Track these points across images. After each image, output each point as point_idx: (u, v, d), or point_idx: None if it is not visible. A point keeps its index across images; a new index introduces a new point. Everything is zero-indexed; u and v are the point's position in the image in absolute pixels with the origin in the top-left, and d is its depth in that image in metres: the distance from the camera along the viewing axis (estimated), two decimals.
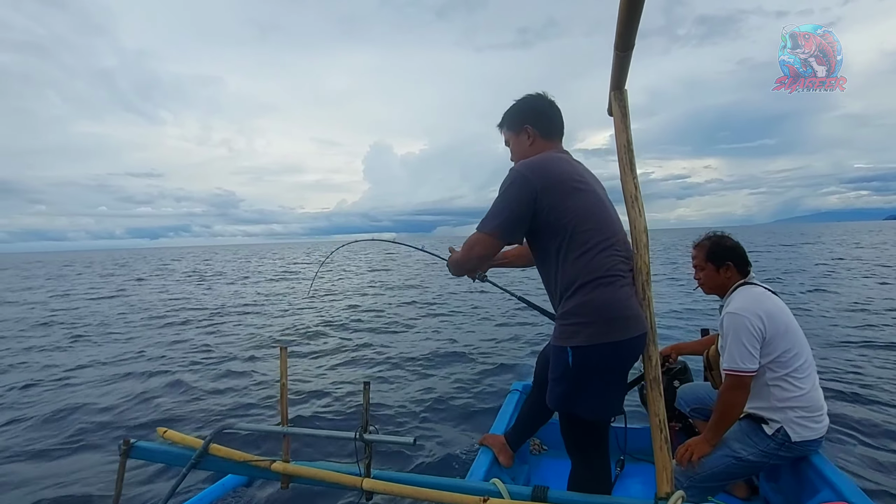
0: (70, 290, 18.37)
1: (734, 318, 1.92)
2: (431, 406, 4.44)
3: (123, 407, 4.65)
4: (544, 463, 2.62)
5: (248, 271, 26.49)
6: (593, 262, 1.49)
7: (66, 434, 4.03)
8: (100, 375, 5.81)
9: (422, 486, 1.61)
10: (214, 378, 5.58)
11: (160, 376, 5.66)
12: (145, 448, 1.93)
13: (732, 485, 2.23)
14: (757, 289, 2.04)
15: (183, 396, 4.94)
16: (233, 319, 9.88)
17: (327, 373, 5.74)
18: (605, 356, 1.48)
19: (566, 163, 1.63)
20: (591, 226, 1.51)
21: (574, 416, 1.57)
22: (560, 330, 1.52)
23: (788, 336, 1.92)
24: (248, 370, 5.83)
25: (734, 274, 2.11)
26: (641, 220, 1.52)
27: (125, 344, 7.74)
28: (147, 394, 5.01)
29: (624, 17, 1.03)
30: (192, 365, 6.19)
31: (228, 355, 6.63)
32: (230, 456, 1.85)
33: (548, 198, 1.50)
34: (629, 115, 1.48)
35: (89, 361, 6.57)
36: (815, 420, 1.92)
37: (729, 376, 1.91)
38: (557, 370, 1.53)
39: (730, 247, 2.13)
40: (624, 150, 1.51)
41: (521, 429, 2.21)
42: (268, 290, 15.62)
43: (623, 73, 1.34)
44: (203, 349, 7.07)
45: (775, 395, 1.92)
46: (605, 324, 1.45)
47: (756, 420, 1.99)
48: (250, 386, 5.20)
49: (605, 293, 1.46)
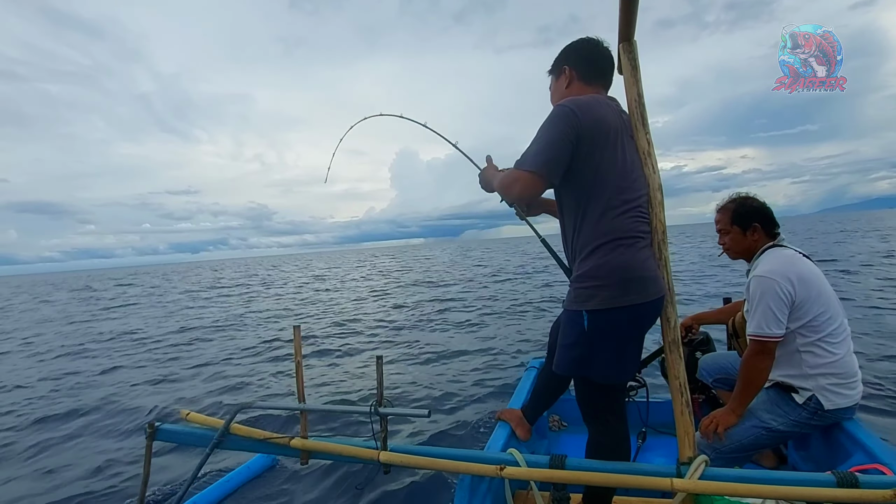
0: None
1: (762, 282, 1.83)
2: (450, 384, 4.47)
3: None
4: (563, 439, 2.59)
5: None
6: (615, 222, 1.42)
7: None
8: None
9: (438, 457, 1.60)
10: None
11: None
12: (170, 430, 1.97)
13: (759, 454, 2.16)
14: (787, 251, 1.94)
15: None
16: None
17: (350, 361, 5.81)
18: (623, 320, 1.43)
19: (614, 112, 1.51)
20: (622, 184, 1.43)
21: (589, 380, 1.52)
22: (575, 293, 1.46)
23: (822, 299, 1.82)
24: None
25: (762, 236, 2.02)
26: (656, 177, 1.45)
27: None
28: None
29: (623, 7, 0.97)
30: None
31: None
32: (251, 434, 1.87)
33: (588, 143, 1.41)
34: (639, 67, 1.42)
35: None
36: (849, 387, 1.83)
37: (753, 341, 1.84)
38: (572, 335, 1.48)
39: (756, 207, 2.04)
40: (635, 104, 1.45)
41: (537, 401, 2.18)
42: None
43: (631, 22, 1.28)
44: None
45: (807, 361, 1.84)
46: (622, 286, 1.39)
47: (786, 388, 1.91)
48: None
49: (623, 255, 1.41)
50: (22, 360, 7.25)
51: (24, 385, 5.63)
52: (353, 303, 12.33)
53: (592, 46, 1.60)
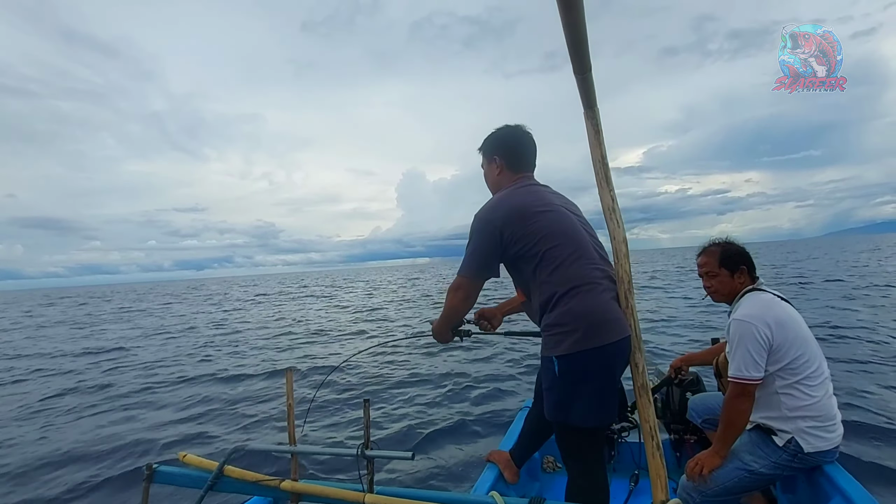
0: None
1: (741, 325, 1.89)
2: (442, 423, 4.46)
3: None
4: (557, 481, 2.59)
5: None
6: (567, 272, 1.56)
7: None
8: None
9: (421, 500, 1.65)
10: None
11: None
12: (167, 472, 2.03)
13: (749, 497, 2.16)
14: (766, 295, 2.01)
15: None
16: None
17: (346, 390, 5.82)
18: (590, 362, 1.51)
19: (528, 193, 1.74)
20: (558, 241, 1.61)
21: (568, 425, 1.59)
22: (545, 341, 1.56)
23: (798, 342, 1.88)
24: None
25: (747, 279, 2.08)
26: (620, 230, 1.56)
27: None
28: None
29: (571, 41, 1.10)
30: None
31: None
32: (243, 477, 1.93)
33: (511, 231, 1.63)
34: (602, 131, 1.54)
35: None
36: (828, 430, 1.86)
37: (733, 384, 1.89)
38: (547, 380, 1.57)
39: (741, 251, 2.11)
40: (599, 164, 1.57)
41: (525, 444, 2.22)
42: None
43: (590, 94, 1.41)
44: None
45: (786, 403, 1.88)
46: (586, 329, 1.49)
47: (766, 431, 1.94)
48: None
49: (584, 300, 1.52)
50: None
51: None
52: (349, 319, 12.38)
53: (520, 139, 1.88)
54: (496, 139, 1.90)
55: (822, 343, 2.01)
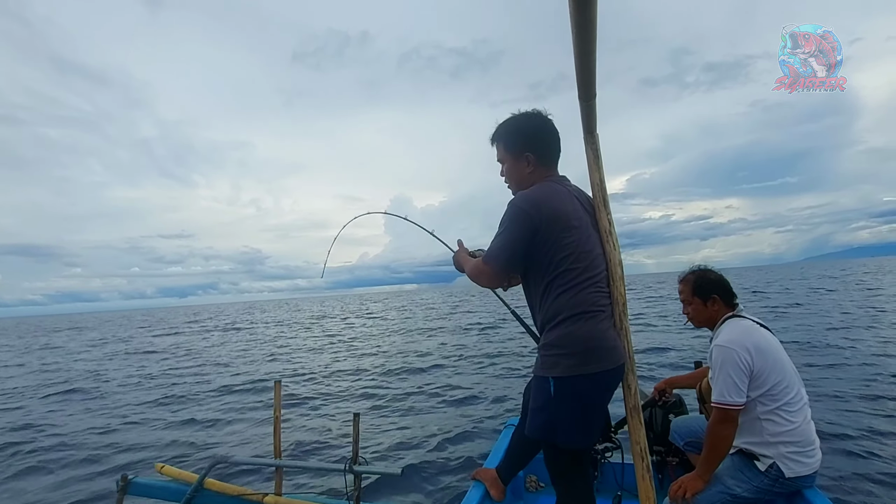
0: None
1: (722, 351, 1.94)
2: (429, 441, 4.41)
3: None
4: (541, 500, 2.58)
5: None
6: (578, 297, 1.54)
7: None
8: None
9: None
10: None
11: None
12: (143, 484, 1.96)
13: None
14: (745, 321, 2.06)
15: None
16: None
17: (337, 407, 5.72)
18: (586, 387, 1.52)
19: (566, 197, 1.62)
20: (581, 264, 1.55)
21: (557, 445, 1.59)
22: (542, 360, 1.57)
23: (777, 369, 1.93)
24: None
25: (721, 307, 2.14)
26: (616, 253, 1.59)
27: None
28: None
29: (580, 68, 1.14)
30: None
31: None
32: (224, 490, 1.87)
33: (545, 235, 1.54)
34: (601, 156, 1.58)
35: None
36: (807, 455, 1.91)
37: (716, 409, 1.92)
38: (539, 400, 1.57)
39: (714, 280, 2.18)
40: (598, 188, 1.60)
41: (511, 462, 2.21)
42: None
43: (591, 120, 1.45)
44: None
45: (767, 429, 1.92)
46: (584, 355, 1.50)
47: (748, 455, 1.97)
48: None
49: (586, 326, 1.52)
50: None
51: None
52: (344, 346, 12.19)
53: (550, 129, 1.71)
54: (527, 132, 1.70)
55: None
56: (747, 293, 21.99)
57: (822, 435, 2.07)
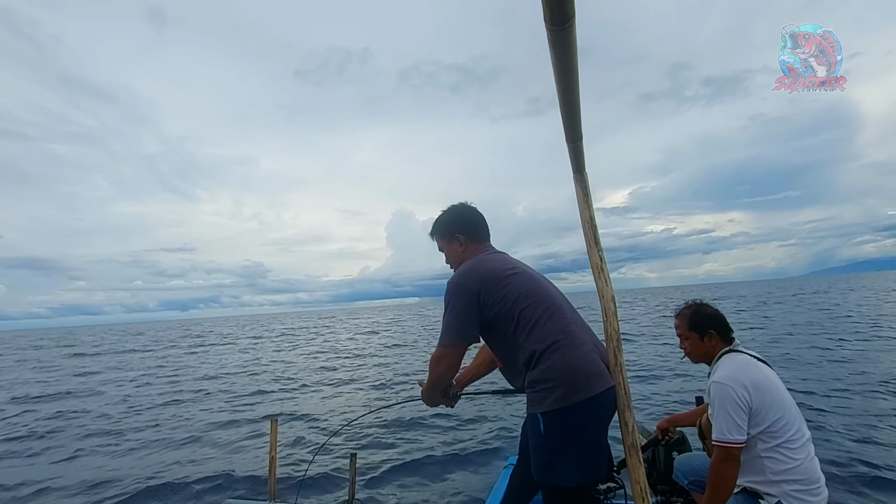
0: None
1: (719, 388, 1.93)
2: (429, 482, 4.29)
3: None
4: None
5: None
6: (544, 330, 1.61)
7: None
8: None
9: None
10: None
11: None
12: None
13: None
14: (742, 356, 2.05)
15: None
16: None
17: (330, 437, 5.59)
18: (577, 417, 1.51)
19: (494, 259, 1.84)
20: (531, 300, 1.68)
21: (555, 486, 1.56)
22: (530, 398, 1.58)
23: (776, 405, 1.90)
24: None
25: (718, 342, 2.14)
26: (608, 289, 1.61)
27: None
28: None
29: (565, 112, 1.19)
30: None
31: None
32: None
33: (487, 294, 1.69)
34: (591, 195, 1.63)
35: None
36: (812, 493, 1.86)
37: (718, 448, 1.89)
38: (533, 438, 1.56)
39: (710, 315, 2.18)
40: (588, 225, 1.64)
41: (509, 503, 2.16)
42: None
43: (580, 160, 1.51)
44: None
45: (770, 467, 1.89)
46: (570, 384, 1.51)
47: (753, 495, 1.93)
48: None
49: (564, 355, 1.56)
50: None
51: None
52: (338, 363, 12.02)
53: (472, 214, 2.00)
54: (452, 219, 2.00)
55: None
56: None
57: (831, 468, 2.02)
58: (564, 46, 0.90)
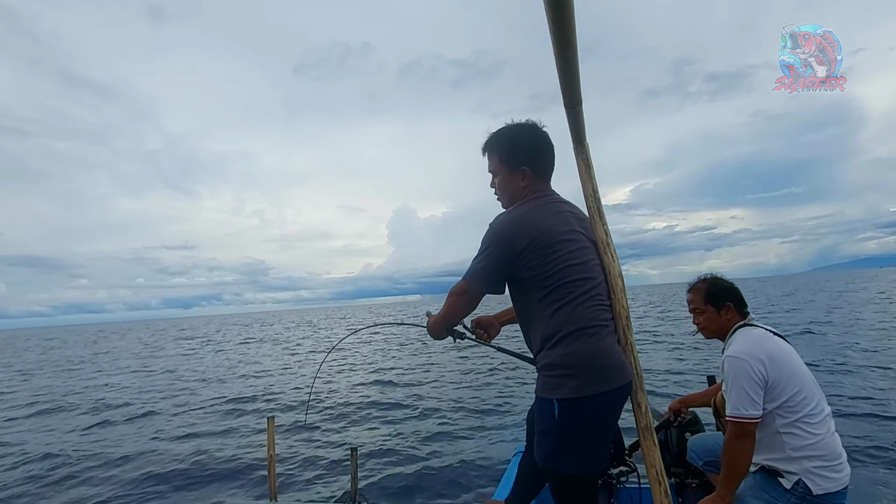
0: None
1: (734, 362, 1.85)
2: (434, 472, 4.25)
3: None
4: None
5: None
6: (576, 312, 1.46)
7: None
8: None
9: None
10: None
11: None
12: None
13: None
14: (758, 330, 1.97)
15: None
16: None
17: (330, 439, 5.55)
18: (593, 408, 1.43)
19: (553, 213, 1.57)
20: (575, 277, 1.48)
21: (561, 472, 1.49)
22: (544, 381, 1.48)
23: (794, 379, 1.83)
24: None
25: (734, 315, 2.05)
26: (615, 265, 1.52)
27: None
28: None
29: (562, 72, 1.10)
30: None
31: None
32: None
33: (530, 255, 1.48)
34: (592, 166, 1.54)
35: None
36: (834, 469, 1.79)
37: (732, 424, 1.82)
38: (543, 423, 1.48)
39: (727, 287, 2.09)
40: (591, 198, 1.55)
41: (520, 492, 2.09)
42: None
43: (580, 128, 1.41)
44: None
45: (789, 443, 1.81)
46: (591, 374, 1.42)
47: (772, 473, 1.86)
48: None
49: (589, 343, 1.44)
50: None
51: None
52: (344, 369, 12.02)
53: (546, 144, 1.66)
54: (525, 146, 1.64)
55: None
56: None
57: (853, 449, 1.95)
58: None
